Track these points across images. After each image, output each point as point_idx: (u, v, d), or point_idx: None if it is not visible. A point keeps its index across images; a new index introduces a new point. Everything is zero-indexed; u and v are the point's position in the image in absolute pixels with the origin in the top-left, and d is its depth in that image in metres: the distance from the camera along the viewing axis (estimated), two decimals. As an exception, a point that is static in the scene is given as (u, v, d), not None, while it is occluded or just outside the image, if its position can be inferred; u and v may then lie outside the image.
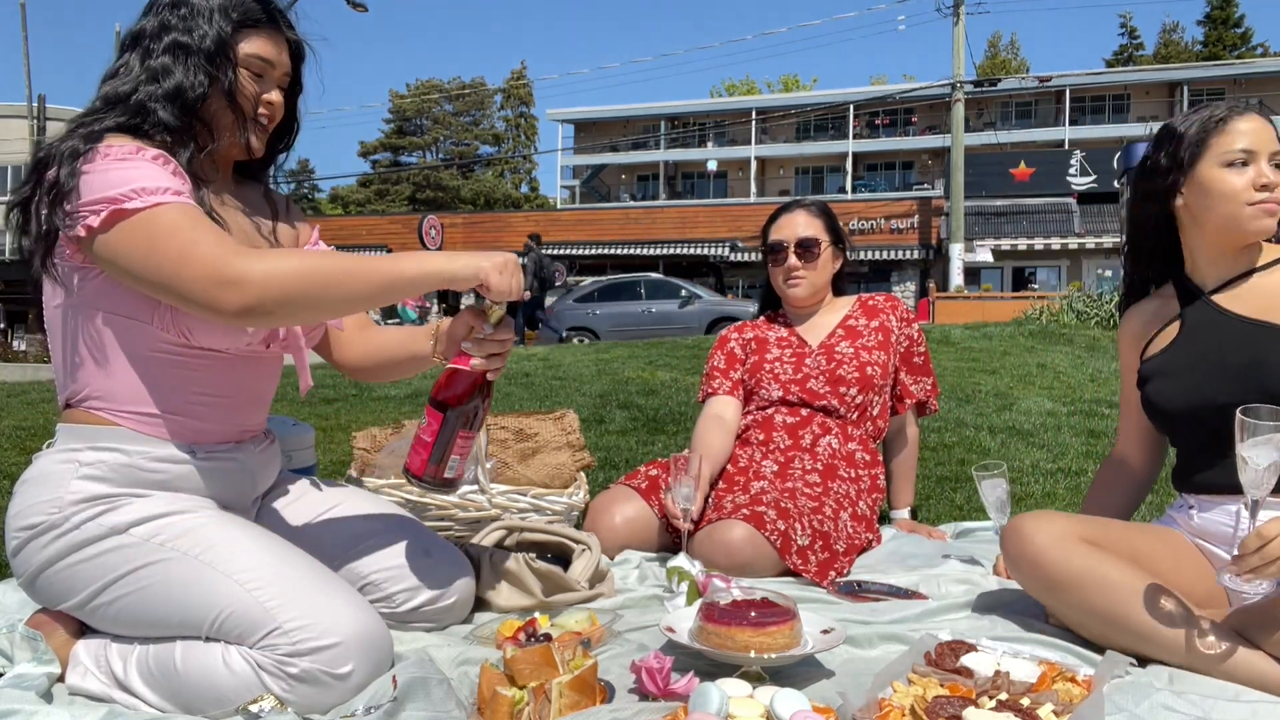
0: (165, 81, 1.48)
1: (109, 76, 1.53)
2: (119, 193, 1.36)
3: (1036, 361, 6.88)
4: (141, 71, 1.50)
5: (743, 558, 2.06)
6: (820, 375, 2.52)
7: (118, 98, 1.49)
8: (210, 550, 1.43)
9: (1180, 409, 1.73)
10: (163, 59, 1.49)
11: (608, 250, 26.12)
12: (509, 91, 51.76)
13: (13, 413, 5.41)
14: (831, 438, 2.48)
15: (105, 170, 1.38)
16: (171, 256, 1.34)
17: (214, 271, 1.33)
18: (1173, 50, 45.25)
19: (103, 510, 1.45)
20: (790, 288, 2.60)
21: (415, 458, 1.55)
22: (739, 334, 2.72)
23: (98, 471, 1.46)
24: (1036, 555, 1.66)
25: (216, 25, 1.52)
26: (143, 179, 1.38)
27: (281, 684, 1.37)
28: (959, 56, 22.28)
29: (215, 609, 1.40)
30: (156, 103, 1.48)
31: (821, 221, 2.62)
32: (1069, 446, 4.03)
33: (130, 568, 1.43)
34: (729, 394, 2.60)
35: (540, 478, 2.32)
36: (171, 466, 1.50)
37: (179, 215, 1.38)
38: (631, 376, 6.27)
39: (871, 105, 37.05)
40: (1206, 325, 1.74)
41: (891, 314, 2.63)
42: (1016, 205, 24.60)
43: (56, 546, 1.44)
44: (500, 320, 1.52)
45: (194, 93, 1.49)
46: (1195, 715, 1.34)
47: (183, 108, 1.49)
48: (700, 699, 1.23)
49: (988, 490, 2.23)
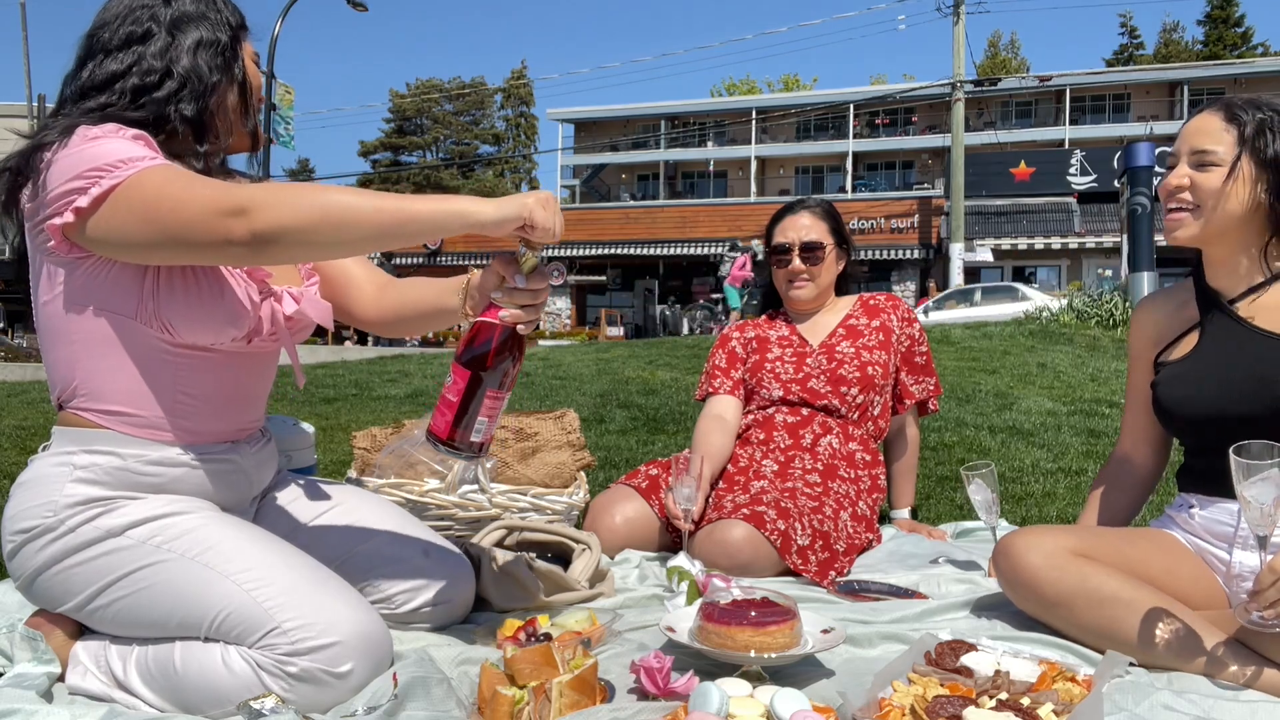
0: (189, 77, 1.49)
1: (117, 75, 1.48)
2: (103, 164, 1.32)
3: (1036, 361, 6.88)
4: (160, 67, 1.48)
5: (743, 557, 2.06)
6: (821, 375, 2.51)
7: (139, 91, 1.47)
8: (208, 551, 1.43)
9: (1193, 417, 1.71)
10: (187, 55, 1.50)
11: (608, 250, 26.11)
12: (509, 91, 51.75)
13: (13, 413, 5.41)
14: (832, 437, 2.47)
15: (80, 149, 1.34)
16: (169, 206, 1.31)
17: (216, 203, 1.29)
18: (1173, 50, 45.24)
19: (98, 513, 1.44)
20: (794, 290, 2.60)
21: (440, 419, 1.42)
22: (740, 333, 2.71)
23: (92, 475, 1.44)
24: (1031, 576, 1.66)
25: (226, 20, 1.55)
26: (120, 151, 1.34)
27: (281, 683, 1.36)
28: (959, 56, 22.28)
29: (214, 610, 1.40)
30: (178, 97, 1.48)
31: (826, 224, 2.60)
32: (1069, 446, 4.03)
33: (127, 570, 1.42)
34: (730, 393, 2.59)
35: (540, 477, 2.32)
36: (166, 470, 1.49)
37: (166, 171, 1.35)
38: (631, 376, 6.27)
39: (871, 105, 37.03)
40: (1225, 335, 1.70)
41: (893, 313, 2.61)
42: (1016, 205, 24.60)
43: (52, 550, 1.44)
44: (534, 269, 1.42)
45: (212, 83, 1.51)
46: (1195, 715, 1.34)
47: (201, 101, 1.50)
48: (700, 699, 1.23)
49: (974, 491, 2.21)
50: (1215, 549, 1.71)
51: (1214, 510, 1.70)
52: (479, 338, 1.42)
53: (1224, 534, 1.69)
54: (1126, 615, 1.55)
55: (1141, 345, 1.88)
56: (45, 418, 5.18)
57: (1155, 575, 1.65)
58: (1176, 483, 1.81)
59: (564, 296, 26.96)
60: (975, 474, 2.20)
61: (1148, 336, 1.87)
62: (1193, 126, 1.68)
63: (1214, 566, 1.71)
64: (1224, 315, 1.72)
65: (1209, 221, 1.66)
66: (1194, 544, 1.74)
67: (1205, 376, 1.69)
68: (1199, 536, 1.74)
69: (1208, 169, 1.64)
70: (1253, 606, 1.37)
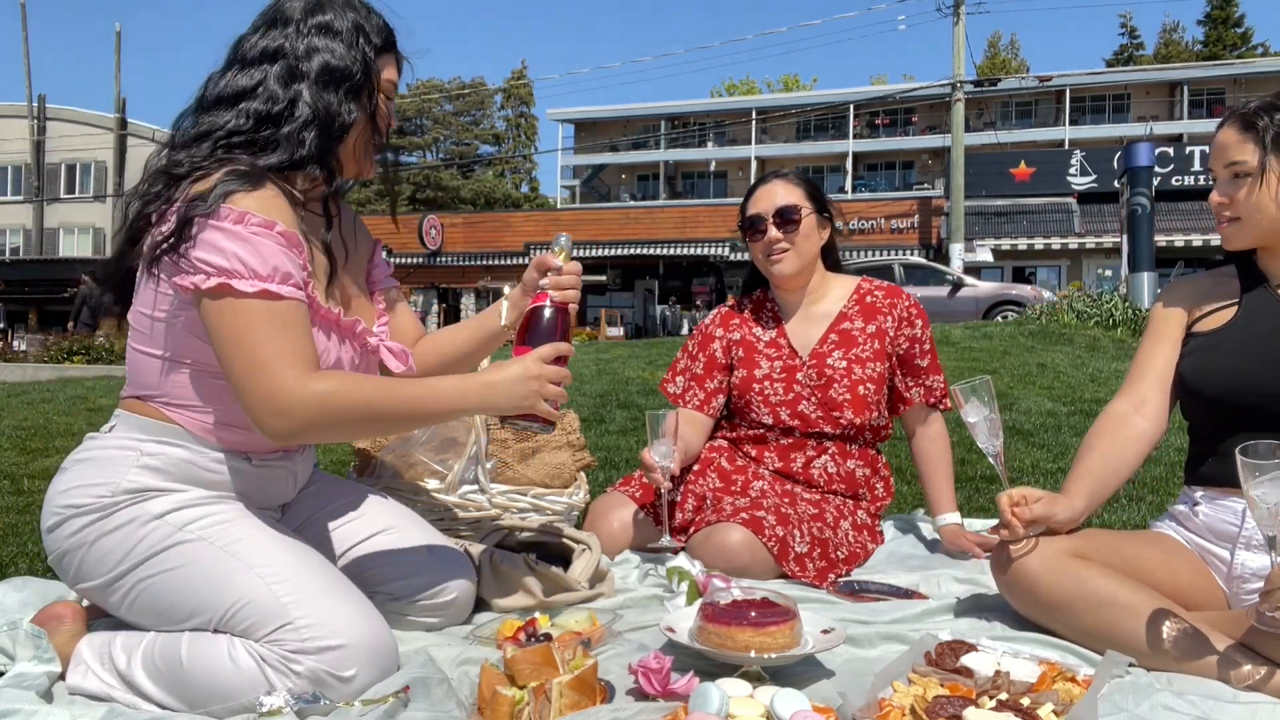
0: (319, 110, 1.50)
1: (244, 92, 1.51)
2: (233, 267, 1.39)
3: (1036, 361, 6.88)
4: (286, 95, 1.50)
5: (740, 562, 2.05)
6: (812, 395, 2.34)
7: (263, 119, 1.49)
8: (237, 543, 1.47)
9: (1220, 388, 1.69)
10: (313, 86, 1.51)
11: (608, 250, 26.11)
12: (509, 91, 51.74)
13: (13, 413, 5.41)
14: (827, 459, 2.35)
15: (232, 237, 1.39)
16: (244, 361, 1.40)
17: (271, 400, 1.39)
18: (1173, 50, 45.26)
19: (149, 499, 1.48)
20: (774, 263, 2.36)
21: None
22: (724, 331, 2.48)
23: (157, 463, 1.49)
24: (1029, 580, 1.66)
25: (362, 50, 1.54)
26: (260, 260, 1.40)
27: (285, 681, 1.37)
28: (959, 56, 22.27)
29: (232, 598, 1.42)
30: (307, 132, 1.50)
31: (801, 189, 2.39)
32: (1069, 446, 4.03)
33: (157, 550, 1.45)
34: (699, 409, 2.41)
35: (540, 477, 2.32)
36: (227, 468, 1.54)
37: (270, 320, 1.40)
38: (631, 376, 6.27)
39: (871, 105, 37.07)
40: (1266, 314, 1.72)
41: (889, 315, 2.39)
42: (1016, 205, 24.58)
43: (95, 527, 1.47)
44: (568, 257, 1.66)
45: (347, 120, 1.53)
46: (1195, 715, 1.34)
47: (332, 138, 1.52)
48: (700, 699, 1.23)
49: (968, 412, 1.78)
50: (1216, 548, 1.71)
51: (1219, 508, 1.70)
52: (534, 320, 1.59)
53: (1227, 533, 1.69)
54: (1125, 619, 1.55)
55: (1172, 311, 1.83)
56: (45, 418, 5.18)
57: (1154, 574, 1.65)
58: (1184, 476, 1.80)
59: (564, 297, 26.94)
60: (969, 390, 1.77)
61: (1182, 304, 1.83)
62: (1216, 144, 1.72)
63: (1214, 566, 1.71)
64: (1267, 293, 1.74)
65: (1256, 227, 1.69)
66: (1193, 543, 1.74)
67: (1238, 349, 1.70)
68: (1200, 535, 1.73)
69: (1241, 180, 1.68)
70: (1264, 607, 1.36)
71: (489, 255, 27.00)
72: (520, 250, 26.46)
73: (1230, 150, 1.69)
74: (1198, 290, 1.83)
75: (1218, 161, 1.72)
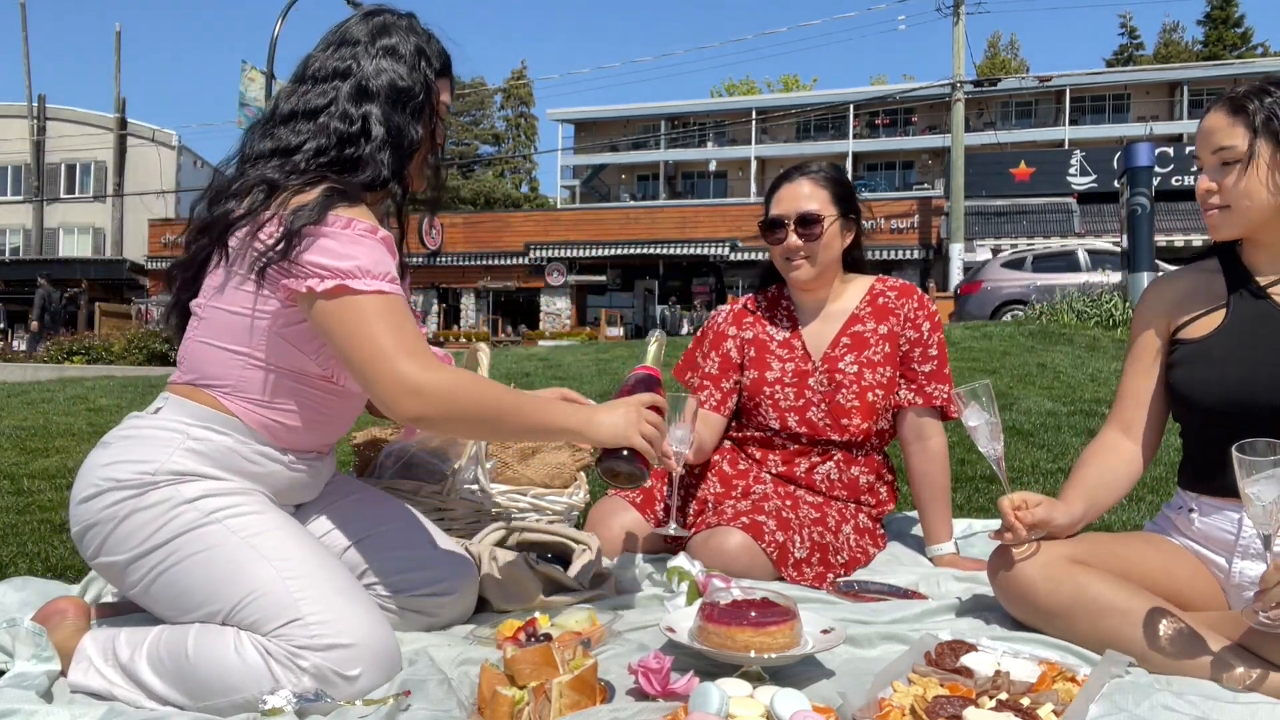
0: (391, 130, 1.59)
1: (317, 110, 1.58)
2: (348, 268, 1.45)
3: (1036, 361, 6.87)
4: (358, 113, 1.57)
5: (739, 566, 2.04)
6: (821, 403, 2.30)
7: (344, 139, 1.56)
8: (258, 536, 1.49)
9: (1214, 398, 1.64)
10: (383, 105, 1.58)
11: (608, 250, 26.11)
12: (509, 91, 51.74)
13: (13, 413, 5.41)
14: (831, 466, 2.32)
15: (343, 242, 1.46)
16: (371, 351, 1.44)
17: (401, 380, 1.43)
18: (1173, 50, 45.27)
19: (185, 483, 1.50)
20: (792, 270, 2.31)
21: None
22: (737, 330, 2.44)
23: (202, 448, 1.52)
24: (1027, 588, 1.65)
25: (424, 72, 1.63)
26: (371, 261, 1.47)
27: (290, 677, 1.38)
28: (959, 56, 22.28)
29: (246, 588, 1.44)
30: (383, 152, 1.58)
31: (829, 191, 2.29)
32: (1069, 446, 4.03)
33: (182, 531, 1.47)
34: (715, 409, 2.38)
35: (540, 477, 2.32)
36: (267, 462, 1.59)
37: (386, 311, 1.46)
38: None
39: (871, 105, 37.08)
40: (1256, 317, 1.65)
41: (898, 315, 2.33)
42: (1016, 205, 24.56)
43: (130, 503, 1.49)
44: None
45: (415, 139, 1.62)
46: (1195, 715, 1.33)
47: (403, 156, 1.61)
48: (700, 699, 1.23)
49: (969, 416, 1.77)
50: (1214, 556, 1.69)
51: (1215, 517, 1.68)
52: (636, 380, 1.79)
53: (1223, 542, 1.67)
54: (1125, 625, 1.54)
55: (1156, 315, 1.77)
56: (45, 418, 5.18)
57: (1152, 576, 1.64)
58: (1178, 482, 1.78)
59: (564, 297, 26.93)
60: (969, 394, 1.76)
61: (1165, 303, 1.76)
62: (1203, 128, 1.65)
63: (1211, 571, 1.71)
64: (1255, 297, 1.67)
65: (1245, 215, 1.62)
66: (1190, 548, 1.73)
67: (1230, 358, 1.64)
68: (1196, 541, 1.72)
69: (1229, 166, 1.62)
70: (1259, 607, 1.36)
71: (489, 255, 26.99)
72: (520, 250, 26.47)
73: (1218, 135, 1.62)
74: (1179, 291, 1.76)
75: (1205, 147, 1.64)
